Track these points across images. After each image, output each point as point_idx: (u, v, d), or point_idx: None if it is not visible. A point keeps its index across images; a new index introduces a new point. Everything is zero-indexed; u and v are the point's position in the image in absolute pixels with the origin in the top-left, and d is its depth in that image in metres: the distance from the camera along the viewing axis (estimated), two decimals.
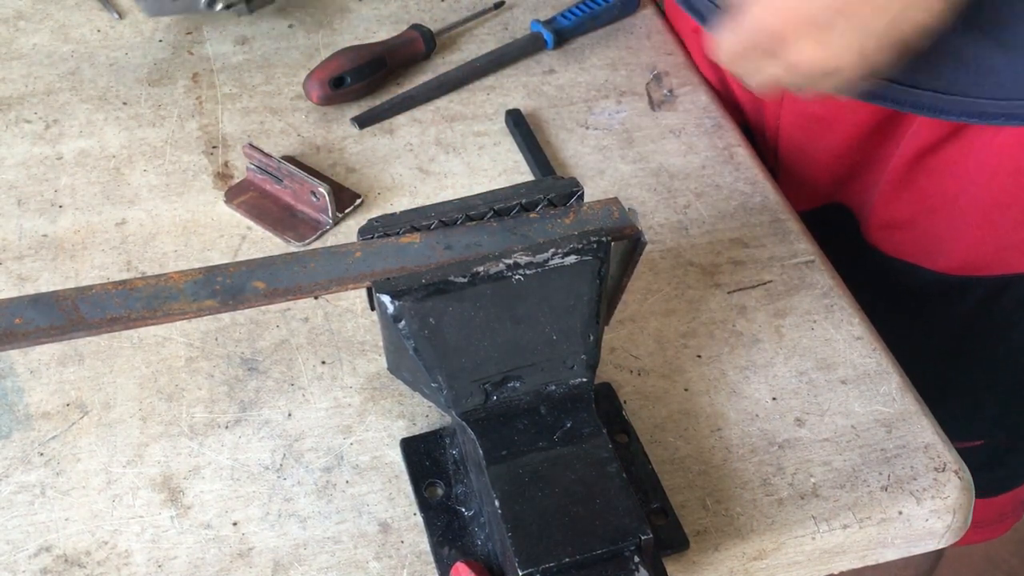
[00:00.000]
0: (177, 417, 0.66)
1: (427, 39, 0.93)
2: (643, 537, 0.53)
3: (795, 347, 0.71)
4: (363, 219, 0.77)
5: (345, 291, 0.59)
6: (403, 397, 0.67)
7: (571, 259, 0.58)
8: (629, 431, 0.65)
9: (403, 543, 0.60)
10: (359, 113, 0.88)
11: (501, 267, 0.57)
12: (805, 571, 0.63)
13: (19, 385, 0.67)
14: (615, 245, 0.60)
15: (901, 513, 0.63)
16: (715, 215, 0.80)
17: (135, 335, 0.70)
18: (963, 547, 1.38)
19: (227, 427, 0.65)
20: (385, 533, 0.61)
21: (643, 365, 0.70)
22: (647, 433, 0.66)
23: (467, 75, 0.92)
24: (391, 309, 0.57)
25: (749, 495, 0.63)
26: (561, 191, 0.61)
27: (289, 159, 0.83)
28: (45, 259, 0.75)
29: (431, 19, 0.97)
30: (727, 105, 0.91)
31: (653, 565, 0.54)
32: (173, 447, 0.64)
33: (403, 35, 0.93)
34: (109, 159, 0.83)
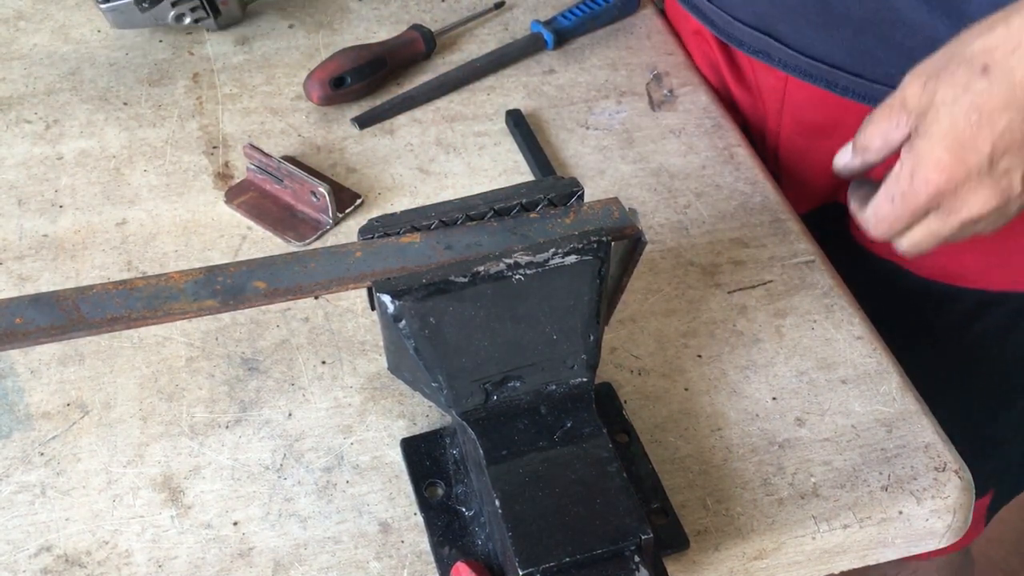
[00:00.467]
0: (177, 417, 0.66)
1: (427, 39, 0.93)
2: (643, 537, 0.53)
3: (795, 347, 0.71)
4: (363, 219, 0.77)
5: (345, 291, 0.59)
6: (403, 397, 0.67)
7: (571, 259, 0.58)
8: (629, 431, 0.65)
9: (403, 543, 0.60)
10: (359, 113, 0.88)
11: (501, 267, 0.57)
12: (805, 571, 0.63)
13: (19, 385, 0.67)
14: (615, 245, 0.60)
15: (901, 513, 0.63)
16: (715, 215, 0.80)
17: (135, 335, 0.70)
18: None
19: (227, 427, 0.65)
20: (385, 533, 0.61)
21: (643, 365, 0.70)
22: (647, 433, 0.66)
23: (467, 75, 0.92)
24: (391, 309, 0.57)
25: (749, 495, 0.63)
26: (561, 191, 0.61)
27: (289, 159, 0.83)
28: (45, 259, 0.75)
29: (431, 19, 0.97)
30: (727, 105, 0.91)
31: (653, 565, 0.54)
32: (173, 447, 0.64)
33: (403, 35, 0.93)
34: (109, 159, 0.83)
